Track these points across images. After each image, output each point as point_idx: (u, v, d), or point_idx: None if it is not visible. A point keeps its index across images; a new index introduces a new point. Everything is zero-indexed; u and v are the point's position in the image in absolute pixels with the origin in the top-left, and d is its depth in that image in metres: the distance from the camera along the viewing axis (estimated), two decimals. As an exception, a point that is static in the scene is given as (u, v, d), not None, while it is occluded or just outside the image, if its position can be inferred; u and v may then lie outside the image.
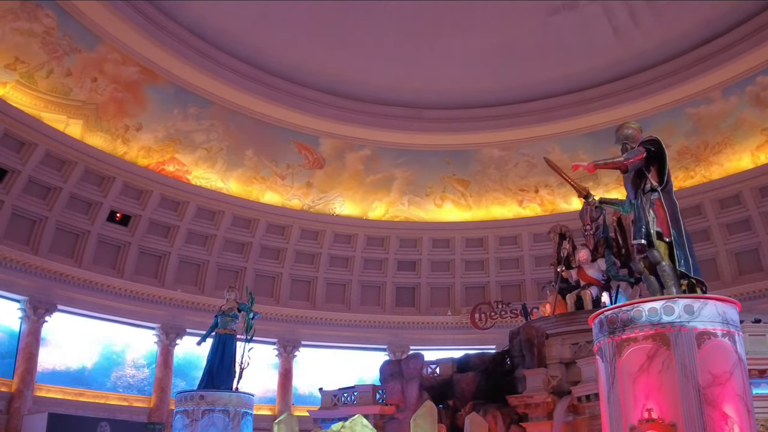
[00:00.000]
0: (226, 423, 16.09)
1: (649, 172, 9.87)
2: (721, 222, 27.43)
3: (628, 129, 10.37)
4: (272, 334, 28.93)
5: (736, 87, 25.87)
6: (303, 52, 26.57)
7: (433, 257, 31.52)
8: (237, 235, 29.10)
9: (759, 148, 26.48)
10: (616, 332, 9.23)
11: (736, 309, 9.30)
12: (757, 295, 26.13)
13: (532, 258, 30.67)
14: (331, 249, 30.66)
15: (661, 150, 9.87)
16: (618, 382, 9.13)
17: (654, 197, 9.80)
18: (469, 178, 30.97)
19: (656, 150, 9.85)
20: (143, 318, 26.69)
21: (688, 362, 8.65)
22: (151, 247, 27.28)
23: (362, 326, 30.44)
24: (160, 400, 25.96)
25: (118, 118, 25.55)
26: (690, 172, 27.86)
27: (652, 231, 9.61)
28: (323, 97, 28.20)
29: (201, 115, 27.05)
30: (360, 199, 30.80)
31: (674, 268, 9.49)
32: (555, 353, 17.51)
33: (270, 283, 29.96)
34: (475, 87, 28.22)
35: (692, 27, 24.98)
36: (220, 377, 16.59)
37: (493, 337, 27.27)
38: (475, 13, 24.74)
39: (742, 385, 8.83)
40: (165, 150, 26.89)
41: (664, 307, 8.96)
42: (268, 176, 29.26)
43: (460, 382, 18.53)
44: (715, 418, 8.45)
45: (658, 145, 9.88)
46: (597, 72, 27.13)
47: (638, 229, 9.79)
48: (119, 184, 25.81)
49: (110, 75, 24.68)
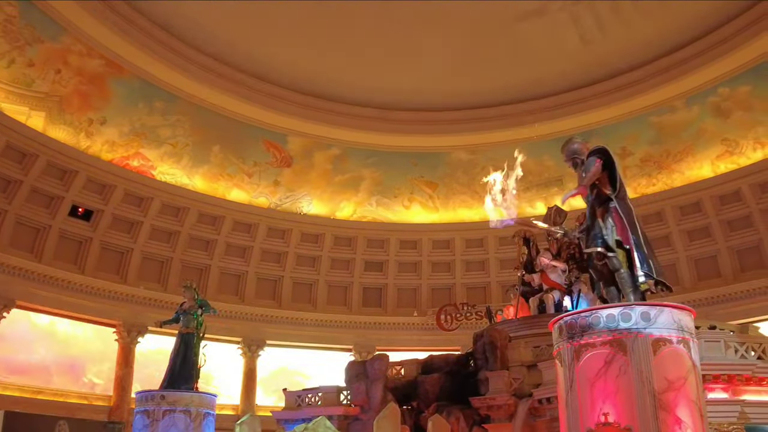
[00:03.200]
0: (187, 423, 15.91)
1: (600, 181, 10.03)
2: (681, 229, 28.07)
3: (575, 144, 10.53)
4: (237, 333, 28.70)
5: (698, 97, 26.49)
6: (273, 50, 26.40)
7: (401, 258, 31.61)
8: (202, 233, 28.77)
9: (719, 158, 27.16)
10: (574, 337, 9.38)
11: (691, 316, 9.53)
12: (715, 301, 26.79)
13: (498, 261, 30.98)
14: (298, 248, 30.53)
15: (610, 158, 10.03)
16: (576, 386, 9.28)
17: (611, 205, 9.96)
18: (437, 181, 31.15)
19: (607, 158, 10.00)
20: (104, 315, 26.20)
21: (644, 368, 8.83)
22: (113, 243, 26.81)
23: (328, 326, 30.37)
24: (120, 399, 25.52)
25: (82, 111, 25.05)
26: (652, 179, 28.44)
27: (611, 239, 9.80)
28: (292, 96, 28.05)
29: (167, 110, 26.68)
30: (328, 199, 30.73)
31: (632, 276, 9.67)
32: (517, 356, 17.72)
33: (235, 282, 29.71)
34: (444, 90, 28.38)
35: (657, 37, 25.50)
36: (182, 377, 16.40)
37: (459, 339, 27.42)
38: (445, 16, 24.86)
39: (696, 391, 9.05)
40: (130, 144, 26.45)
41: (622, 313, 9.14)
42: (234, 173, 29.00)
43: (424, 383, 18.61)
44: (669, 422, 8.64)
45: (606, 154, 10.01)
46: (564, 78, 27.51)
47: (593, 237, 9.94)
48: (82, 178, 25.31)
49: (74, 67, 24.18)
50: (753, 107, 25.67)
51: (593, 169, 9.91)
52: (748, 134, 26.24)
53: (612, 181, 9.99)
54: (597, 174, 9.93)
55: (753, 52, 24.35)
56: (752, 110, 25.74)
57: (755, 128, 26.01)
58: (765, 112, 25.55)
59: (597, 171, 9.91)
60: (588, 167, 10.00)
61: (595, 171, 9.90)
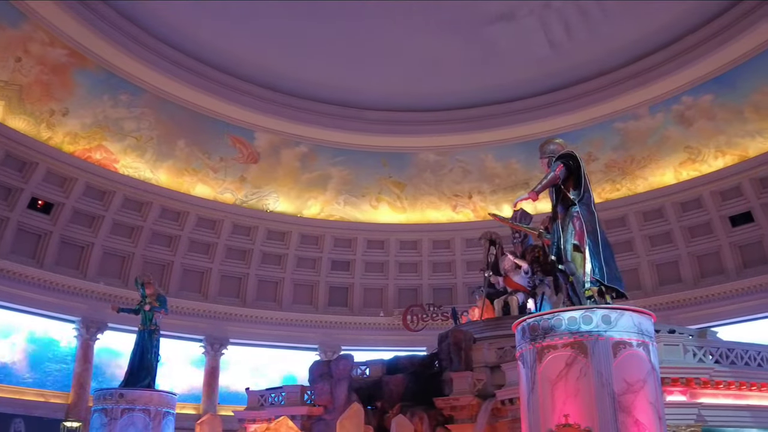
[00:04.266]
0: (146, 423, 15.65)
1: (566, 185, 10.17)
2: (644, 234, 28.59)
3: (553, 144, 10.77)
4: (199, 331, 28.32)
5: (662, 105, 27.00)
6: (242, 46, 26.09)
7: (368, 258, 31.55)
8: (165, 228, 28.30)
9: (682, 165, 27.71)
10: (537, 339, 9.45)
11: (651, 320, 9.67)
12: (676, 305, 27.36)
13: (464, 262, 31.14)
14: (264, 246, 30.24)
15: (578, 163, 10.18)
16: (538, 387, 9.34)
17: (574, 210, 10.09)
18: (405, 181, 31.17)
19: (573, 163, 10.16)
20: (63, 311, 25.61)
21: (604, 370, 8.93)
22: (73, 237, 26.20)
23: (294, 325, 30.15)
24: (78, 396, 24.97)
25: (43, 101, 24.42)
26: (616, 184, 28.89)
27: (567, 244, 9.94)
28: (261, 91, 27.76)
29: (132, 103, 26.17)
30: (295, 197, 30.50)
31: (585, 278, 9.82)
32: (481, 357, 17.77)
33: (198, 279, 29.29)
34: (413, 90, 28.39)
35: (623, 45, 25.89)
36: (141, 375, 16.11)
37: (424, 340, 27.46)
38: (415, 17, 24.88)
39: (655, 393, 9.18)
40: (92, 137, 25.87)
41: (583, 316, 9.24)
42: (199, 168, 28.59)
43: (388, 383, 18.56)
44: (628, 424, 8.75)
45: (574, 159, 10.17)
46: (532, 83, 27.75)
47: (553, 243, 10.19)
48: (42, 170, 24.69)
49: (36, 56, 23.56)
50: (715, 116, 26.25)
51: (550, 176, 10.07)
52: (710, 143, 26.84)
53: (577, 186, 10.11)
54: (552, 182, 10.08)
55: (716, 62, 24.90)
56: (714, 119, 26.33)
57: (717, 137, 26.61)
58: (726, 121, 26.15)
59: (552, 180, 10.06)
60: (554, 168, 10.14)
61: (551, 179, 10.05)
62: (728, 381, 14.08)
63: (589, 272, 9.69)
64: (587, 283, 9.69)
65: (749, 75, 24.79)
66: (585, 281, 9.70)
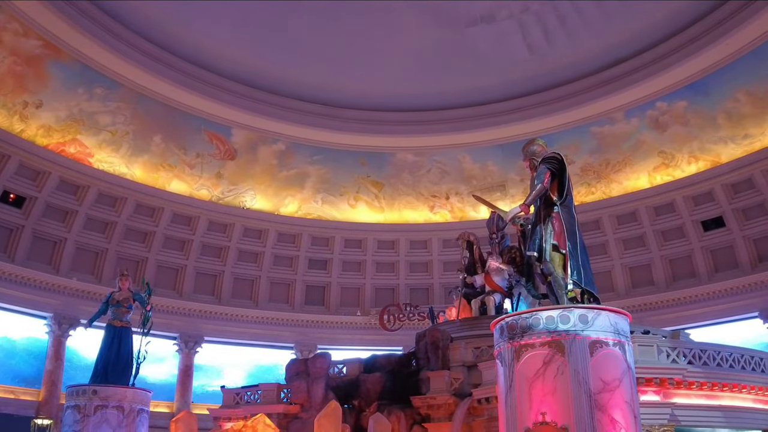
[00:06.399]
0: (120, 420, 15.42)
1: (550, 187, 10.31)
2: (617, 237, 28.98)
3: (536, 146, 10.93)
4: (173, 329, 28.00)
5: (637, 110, 27.38)
6: (220, 42, 25.86)
7: (345, 257, 31.51)
8: (140, 224, 27.95)
9: (655, 169, 28.16)
10: (515, 338, 9.55)
11: (627, 320, 9.82)
12: (648, 307, 27.77)
13: (441, 263, 31.26)
14: (240, 243, 30.03)
15: (562, 166, 10.35)
16: (515, 385, 9.44)
17: (554, 211, 10.24)
18: (383, 181, 31.18)
19: (558, 166, 10.32)
20: (34, 306, 25.16)
21: (581, 369, 9.06)
22: (46, 232, 25.75)
23: (270, 323, 29.99)
24: (49, 393, 24.55)
25: (17, 93, 23.96)
26: (591, 188, 29.25)
27: (546, 244, 10.07)
28: (238, 88, 27.52)
29: (107, 97, 25.79)
30: (272, 194, 30.34)
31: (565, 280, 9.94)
32: (458, 356, 17.87)
33: (173, 276, 28.96)
34: (393, 91, 28.42)
35: (600, 50, 26.21)
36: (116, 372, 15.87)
37: (401, 339, 27.56)
38: (395, 16, 24.93)
39: (630, 392, 9.33)
40: (66, 130, 25.46)
41: (561, 316, 9.36)
42: (175, 164, 28.28)
43: (366, 382, 18.56)
44: (604, 422, 8.88)
45: (559, 162, 10.35)
46: (510, 86, 27.94)
47: (532, 242, 10.30)
48: (14, 163, 24.24)
49: (9, 46, 23.10)
50: (689, 122, 26.72)
51: (539, 188, 10.19)
52: (684, 148, 27.30)
53: (560, 188, 10.28)
54: (540, 193, 10.21)
55: (690, 69, 25.32)
56: (688, 125, 26.79)
57: (690, 142, 27.08)
58: (700, 127, 26.63)
59: (540, 191, 10.20)
60: (540, 176, 10.28)
61: (539, 190, 10.19)
62: (701, 382, 14.31)
63: (569, 273, 9.82)
64: (570, 284, 9.81)
65: (722, 82, 25.26)
66: (567, 282, 9.82)
